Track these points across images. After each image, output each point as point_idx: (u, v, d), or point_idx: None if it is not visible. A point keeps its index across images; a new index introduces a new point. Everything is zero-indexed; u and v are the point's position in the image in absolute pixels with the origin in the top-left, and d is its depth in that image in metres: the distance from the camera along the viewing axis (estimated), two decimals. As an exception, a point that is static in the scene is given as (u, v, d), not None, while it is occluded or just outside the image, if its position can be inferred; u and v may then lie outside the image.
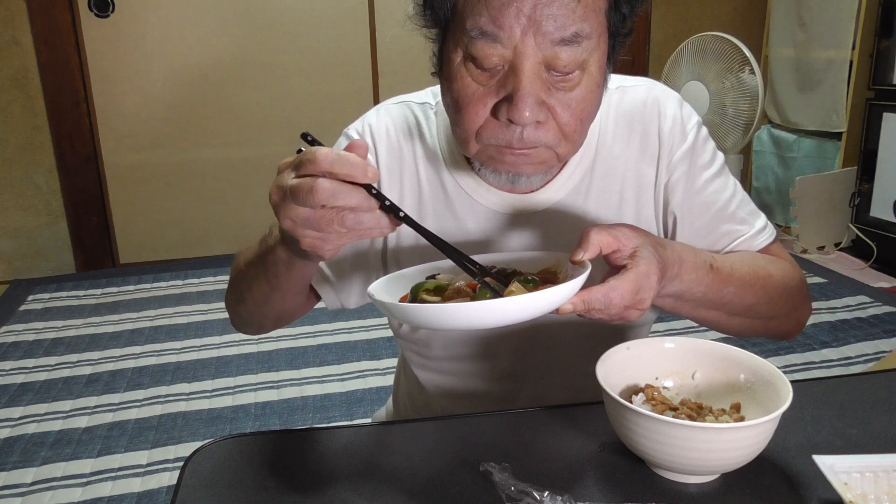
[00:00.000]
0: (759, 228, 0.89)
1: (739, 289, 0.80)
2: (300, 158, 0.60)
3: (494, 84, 0.72)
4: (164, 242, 3.23)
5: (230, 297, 0.90)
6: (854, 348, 2.28)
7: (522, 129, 0.72)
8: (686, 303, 0.78)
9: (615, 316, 0.68)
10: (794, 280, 0.87)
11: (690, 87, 2.96)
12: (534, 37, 0.68)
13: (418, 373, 0.97)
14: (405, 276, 0.74)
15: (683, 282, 0.74)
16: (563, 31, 0.68)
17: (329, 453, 0.73)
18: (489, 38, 0.69)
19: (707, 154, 0.88)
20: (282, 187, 0.61)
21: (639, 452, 0.67)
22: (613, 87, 0.88)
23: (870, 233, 2.99)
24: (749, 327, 0.86)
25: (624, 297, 0.66)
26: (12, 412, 2.02)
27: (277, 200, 0.61)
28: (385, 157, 0.88)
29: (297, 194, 0.59)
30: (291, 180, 0.60)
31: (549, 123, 0.73)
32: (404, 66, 3.23)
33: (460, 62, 0.72)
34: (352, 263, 0.91)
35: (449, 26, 0.74)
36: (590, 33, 0.70)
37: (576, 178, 0.86)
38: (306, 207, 0.59)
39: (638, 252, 0.69)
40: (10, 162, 2.96)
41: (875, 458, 0.64)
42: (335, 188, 0.58)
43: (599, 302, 0.66)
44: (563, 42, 0.69)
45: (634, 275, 0.67)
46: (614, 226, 0.70)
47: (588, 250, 0.68)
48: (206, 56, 3.07)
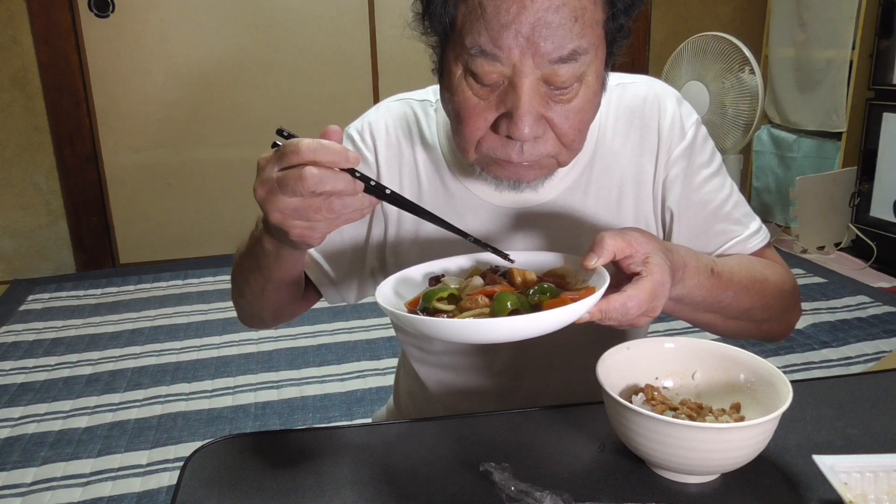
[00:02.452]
0: (753, 230, 0.90)
1: (738, 293, 0.80)
2: (282, 151, 0.61)
3: (495, 99, 0.72)
4: (164, 242, 3.23)
5: (233, 291, 0.91)
6: (854, 348, 2.28)
7: (522, 144, 0.72)
8: (685, 306, 0.78)
9: (626, 323, 0.68)
10: (788, 284, 0.88)
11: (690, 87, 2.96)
12: (532, 57, 0.69)
13: (418, 368, 0.97)
14: (410, 278, 0.74)
15: (686, 286, 0.75)
16: (562, 51, 0.69)
17: (329, 453, 0.72)
18: (488, 57, 0.70)
19: (706, 153, 0.89)
20: (267, 181, 0.62)
21: (639, 452, 0.66)
22: (614, 84, 0.89)
23: (870, 233, 2.99)
24: (743, 330, 0.87)
25: (641, 305, 0.66)
26: (12, 412, 2.02)
27: (264, 195, 0.63)
28: (384, 154, 0.89)
29: (285, 185, 0.60)
30: (277, 173, 0.61)
31: (547, 136, 0.73)
32: (404, 66, 3.23)
33: (461, 76, 0.73)
34: (351, 259, 0.91)
35: (448, 38, 0.74)
36: (587, 48, 0.70)
37: (575, 174, 0.87)
38: (295, 197, 0.61)
39: (650, 259, 0.68)
40: (10, 162, 2.96)
41: (875, 458, 0.64)
42: (322, 174, 0.59)
43: (617, 312, 0.66)
44: (560, 60, 0.69)
45: (651, 283, 0.67)
46: (626, 230, 0.70)
47: (602, 256, 0.67)
48: (206, 56, 3.07)
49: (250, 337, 2.45)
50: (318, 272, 0.91)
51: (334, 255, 0.90)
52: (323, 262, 0.90)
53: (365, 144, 0.90)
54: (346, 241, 0.91)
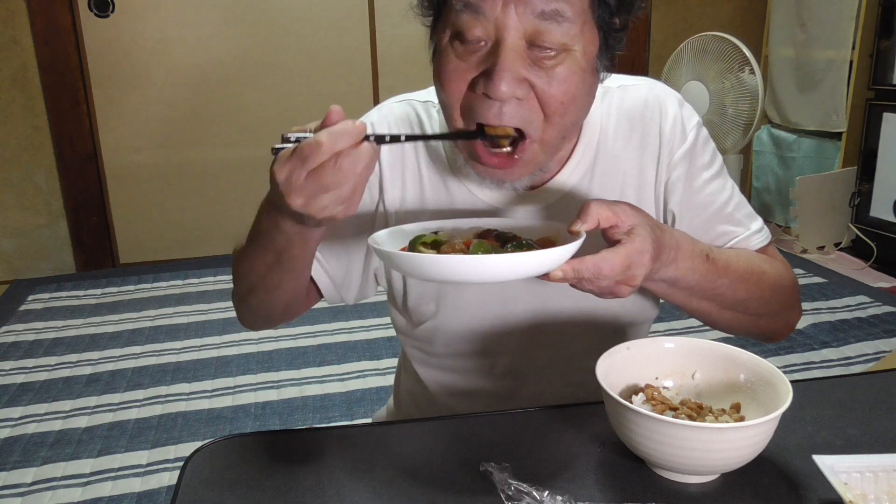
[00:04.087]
0: (754, 230, 0.90)
1: (733, 282, 0.81)
2: (303, 155, 0.60)
3: (476, 59, 0.73)
4: (164, 242, 3.23)
5: (239, 292, 0.88)
6: (854, 348, 2.28)
7: (501, 105, 0.72)
8: (680, 290, 0.79)
9: (605, 289, 0.69)
10: (787, 281, 0.88)
11: (690, 87, 2.96)
12: (515, 7, 0.69)
13: (419, 370, 0.97)
14: (406, 231, 0.76)
15: (679, 268, 0.75)
16: (545, 5, 0.69)
17: (329, 453, 0.73)
18: (472, 10, 0.71)
19: (707, 155, 0.89)
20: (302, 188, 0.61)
21: (639, 452, 0.67)
22: (615, 86, 0.89)
23: (870, 233, 2.99)
24: (739, 323, 0.87)
25: (615, 269, 0.68)
26: (12, 412, 2.02)
27: (304, 202, 0.62)
28: (387, 155, 0.89)
29: (326, 184, 0.60)
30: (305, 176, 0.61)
31: (530, 101, 0.73)
32: (404, 66, 3.23)
33: (447, 42, 0.74)
34: (352, 258, 0.91)
35: (442, 9, 0.75)
36: (571, 17, 0.70)
37: (577, 176, 0.87)
38: (344, 187, 0.61)
39: (635, 230, 0.70)
40: (10, 162, 2.96)
41: (875, 458, 0.64)
42: (352, 157, 0.60)
43: (589, 271, 0.67)
44: (543, 16, 0.69)
45: (627, 249, 0.68)
46: (616, 202, 0.71)
47: (586, 222, 0.69)
48: (206, 56, 3.07)
49: (250, 337, 2.45)
50: (319, 270, 0.91)
51: (335, 253, 0.90)
52: (323, 259, 0.90)
53: None
54: (348, 240, 0.91)
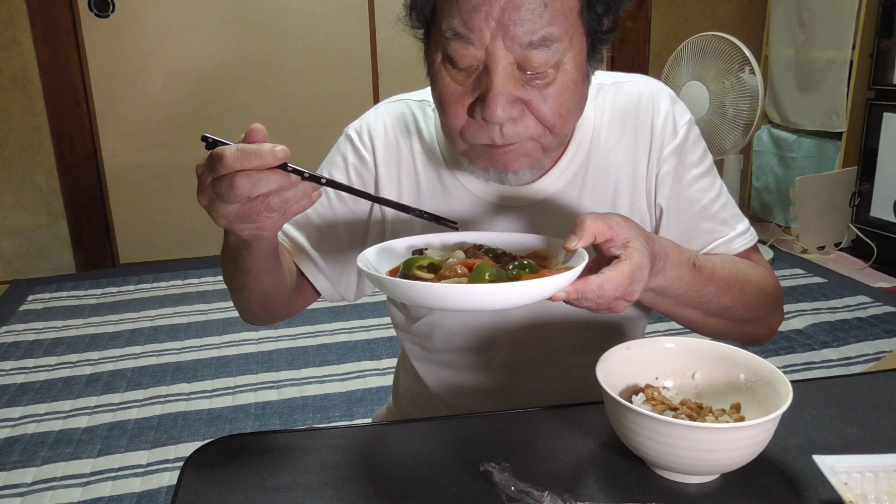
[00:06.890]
0: (739, 232, 0.90)
1: (718, 289, 0.81)
2: (211, 161, 0.61)
3: (471, 84, 0.73)
4: (164, 242, 3.23)
5: (229, 289, 0.90)
6: (854, 348, 2.28)
7: (501, 127, 0.73)
8: (666, 299, 0.79)
9: (603, 306, 0.68)
10: (770, 286, 0.89)
11: (690, 87, 2.96)
12: (503, 40, 0.70)
13: (418, 365, 0.98)
14: (393, 249, 0.75)
15: (667, 277, 0.75)
16: (532, 36, 0.70)
17: (329, 453, 0.73)
18: (462, 40, 0.71)
19: (697, 153, 0.90)
20: (206, 189, 0.62)
21: (639, 452, 0.67)
22: (609, 83, 0.90)
23: (870, 233, 2.99)
24: (724, 329, 0.87)
25: (618, 288, 0.67)
26: (12, 412, 2.02)
27: (207, 204, 0.64)
28: (383, 154, 0.90)
29: (220, 194, 0.61)
30: (210, 182, 0.62)
31: (527, 118, 0.74)
32: (404, 66, 3.23)
33: (440, 63, 0.74)
34: (348, 256, 0.91)
35: (431, 28, 0.76)
36: (559, 36, 0.71)
37: (571, 171, 0.87)
38: (233, 204, 0.62)
39: (631, 243, 0.69)
40: (10, 162, 2.96)
41: (875, 458, 0.64)
42: (253, 179, 0.60)
43: (593, 293, 0.66)
44: (531, 45, 0.70)
45: (629, 267, 0.67)
46: (608, 215, 0.71)
47: (583, 238, 0.68)
48: (206, 56, 3.07)
49: (250, 337, 2.45)
50: (314, 268, 0.91)
51: (330, 252, 0.91)
52: (319, 259, 0.90)
53: (363, 144, 0.91)
54: (342, 238, 0.91)
